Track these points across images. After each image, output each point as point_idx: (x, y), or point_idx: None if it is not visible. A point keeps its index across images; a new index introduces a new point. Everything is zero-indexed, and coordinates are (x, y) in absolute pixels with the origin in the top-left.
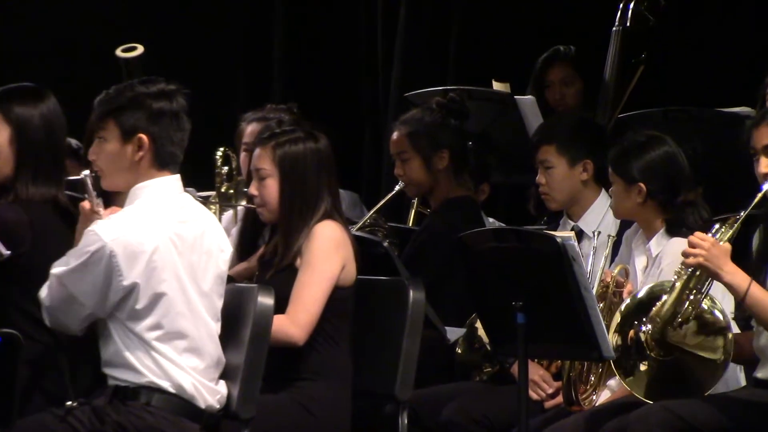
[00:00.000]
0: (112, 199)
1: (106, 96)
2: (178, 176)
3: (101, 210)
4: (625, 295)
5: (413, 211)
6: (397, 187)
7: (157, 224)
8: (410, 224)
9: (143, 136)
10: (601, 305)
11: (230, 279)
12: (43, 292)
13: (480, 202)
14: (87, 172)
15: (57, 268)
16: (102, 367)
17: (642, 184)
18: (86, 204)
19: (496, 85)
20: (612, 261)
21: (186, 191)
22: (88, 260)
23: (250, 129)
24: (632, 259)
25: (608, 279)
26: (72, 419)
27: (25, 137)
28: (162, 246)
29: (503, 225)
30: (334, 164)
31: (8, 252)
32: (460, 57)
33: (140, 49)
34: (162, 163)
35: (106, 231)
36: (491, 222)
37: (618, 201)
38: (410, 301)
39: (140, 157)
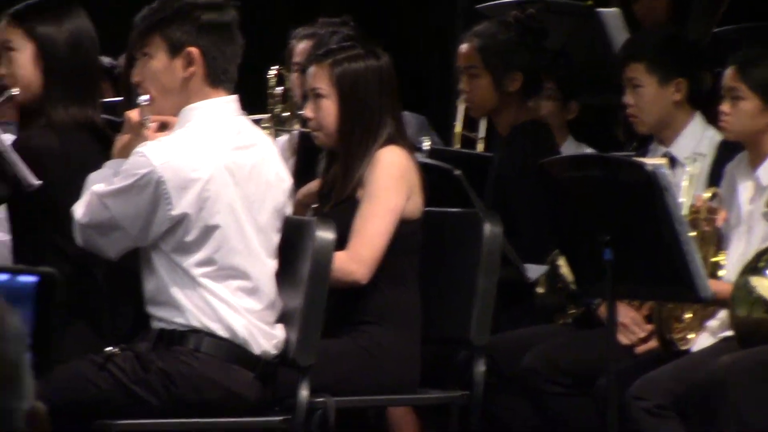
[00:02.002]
0: None
1: (150, 9)
2: (234, 97)
3: (150, 124)
4: (719, 222)
5: (457, 133)
6: (460, 106)
7: (211, 150)
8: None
9: (192, 50)
10: (693, 234)
11: None
12: (79, 208)
13: (566, 121)
14: (143, 97)
15: (98, 186)
16: (145, 306)
17: None
18: (134, 113)
19: None
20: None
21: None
22: (135, 183)
23: (301, 46)
24: (735, 188)
25: (699, 204)
26: (112, 367)
27: (50, 53)
28: (217, 174)
29: (592, 151)
30: (397, 84)
31: (38, 182)
32: None
33: None
34: (215, 80)
35: (156, 154)
36: (578, 145)
37: (745, 119)
38: (486, 235)
39: (190, 73)
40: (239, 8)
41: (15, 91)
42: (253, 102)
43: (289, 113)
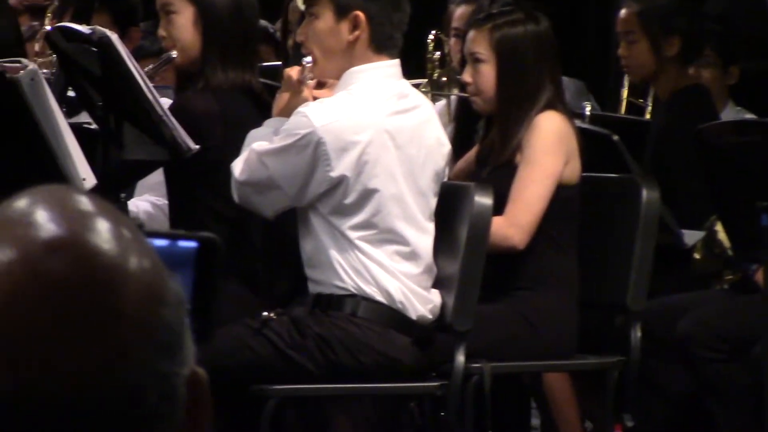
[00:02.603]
0: None
1: None
2: (397, 61)
3: (309, 82)
4: None
5: (624, 100)
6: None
7: (373, 113)
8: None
9: (359, 14)
10: None
11: None
12: (238, 166)
13: (726, 86)
14: (308, 58)
15: (258, 144)
16: (304, 268)
17: None
18: (293, 71)
19: None
20: None
21: None
22: (295, 143)
23: (459, 11)
24: None
25: None
26: (268, 331)
27: (210, 16)
28: (377, 138)
29: (752, 116)
30: (556, 49)
31: (196, 147)
32: None
33: None
34: (379, 45)
35: (318, 115)
36: (738, 111)
37: None
38: (643, 200)
39: (355, 37)
40: None
41: (174, 53)
42: (411, 66)
43: (446, 78)
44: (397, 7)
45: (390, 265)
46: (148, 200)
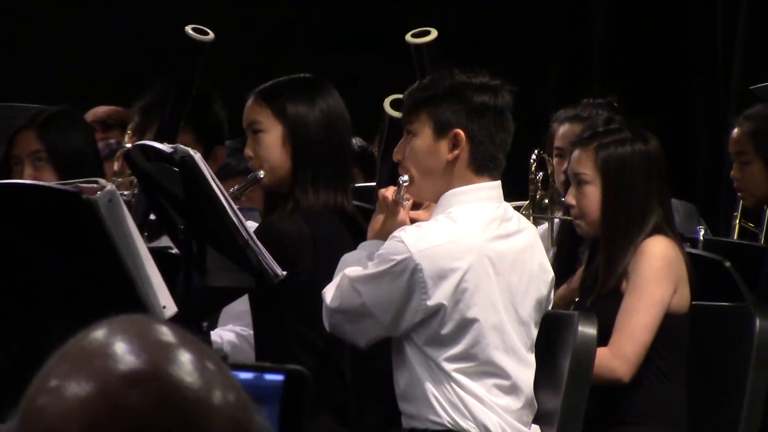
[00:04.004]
0: None
1: (420, 85)
2: (498, 183)
3: (405, 202)
4: None
5: (736, 224)
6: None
7: (473, 238)
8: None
9: (460, 132)
10: None
11: None
12: (330, 292)
13: None
14: (404, 177)
15: (351, 269)
16: (398, 402)
17: None
18: (388, 191)
19: None
20: None
21: None
22: (390, 269)
23: (562, 130)
24: None
25: None
26: None
27: (300, 135)
28: (477, 264)
29: None
30: (665, 169)
31: (284, 273)
32: None
33: (434, 34)
34: (480, 166)
35: (414, 240)
36: None
37: None
38: (757, 330)
39: (455, 156)
40: (515, 92)
41: (261, 174)
42: (512, 186)
43: (549, 200)
44: (501, 127)
45: (489, 399)
46: (232, 330)
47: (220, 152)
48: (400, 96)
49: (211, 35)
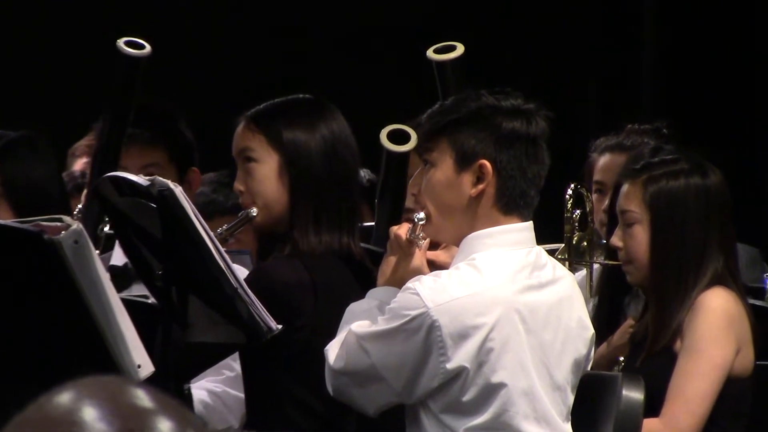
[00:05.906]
0: None
1: (441, 107)
2: (529, 224)
3: (421, 242)
4: None
5: None
6: None
7: (499, 289)
8: None
9: (486, 163)
10: None
11: None
12: (333, 350)
13: None
14: (420, 214)
15: (358, 325)
16: None
17: None
18: (401, 230)
19: None
20: None
21: None
22: (404, 326)
23: (603, 161)
24: None
25: None
26: None
27: (299, 166)
28: (505, 320)
29: None
30: (729, 208)
31: (279, 327)
32: None
33: (460, 50)
34: (508, 204)
35: (432, 293)
36: None
37: None
38: None
39: (479, 191)
40: (551, 119)
41: (254, 211)
42: (545, 227)
43: (587, 242)
44: (534, 158)
45: None
46: (203, 387)
47: (194, 176)
48: (401, 126)
49: (148, 49)
